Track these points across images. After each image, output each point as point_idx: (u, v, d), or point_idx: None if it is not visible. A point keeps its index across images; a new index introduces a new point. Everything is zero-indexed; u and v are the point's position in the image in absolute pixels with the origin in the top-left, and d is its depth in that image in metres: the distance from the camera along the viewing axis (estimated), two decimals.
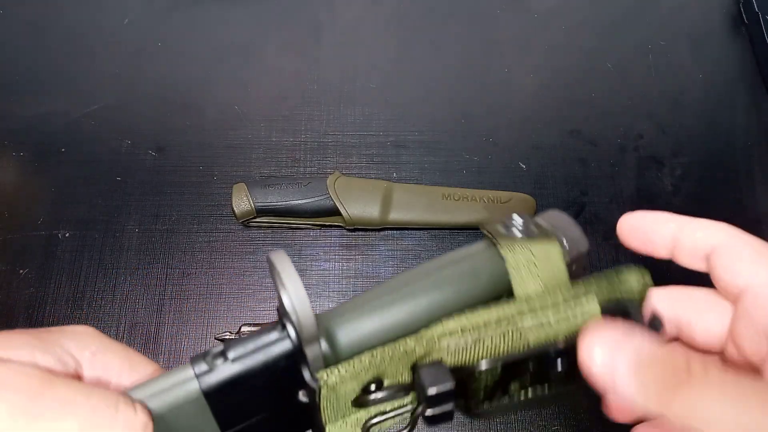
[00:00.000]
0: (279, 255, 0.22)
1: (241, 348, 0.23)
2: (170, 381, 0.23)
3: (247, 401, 0.24)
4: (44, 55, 0.61)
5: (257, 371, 0.23)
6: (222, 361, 0.23)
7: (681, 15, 0.65)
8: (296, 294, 0.21)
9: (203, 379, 0.23)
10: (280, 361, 0.23)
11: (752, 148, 0.58)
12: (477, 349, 0.24)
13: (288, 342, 0.23)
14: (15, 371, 0.21)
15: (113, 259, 0.52)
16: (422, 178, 0.56)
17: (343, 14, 0.64)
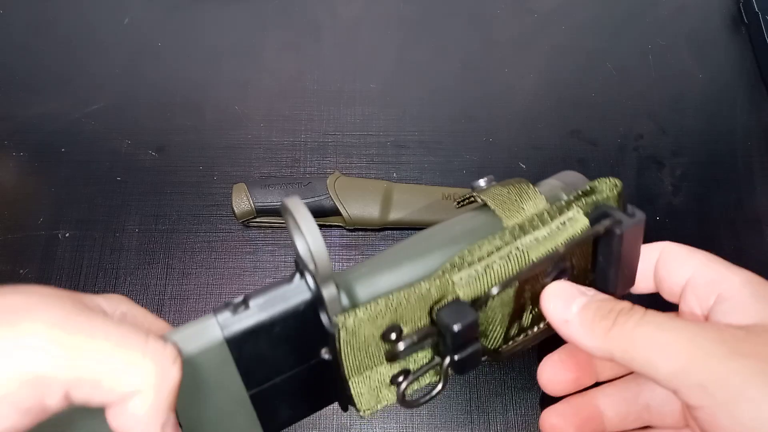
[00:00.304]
0: (294, 200, 0.22)
1: (262, 297, 0.23)
2: (194, 329, 0.23)
3: (271, 356, 0.24)
4: (44, 55, 0.61)
5: (278, 320, 0.23)
6: (244, 309, 0.23)
7: (681, 15, 0.65)
8: (311, 235, 0.22)
9: (226, 326, 0.23)
10: (300, 309, 0.23)
11: (752, 148, 0.58)
12: (488, 276, 0.25)
13: (306, 289, 0.23)
14: (53, 294, 0.22)
15: (113, 259, 0.52)
16: (422, 178, 0.56)
17: (343, 14, 0.64)
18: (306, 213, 0.22)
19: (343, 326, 0.23)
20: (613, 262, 0.26)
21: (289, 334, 0.24)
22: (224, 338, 0.23)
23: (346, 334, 0.23)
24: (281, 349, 0.24)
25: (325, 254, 0.22)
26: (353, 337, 0.24)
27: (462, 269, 0.24)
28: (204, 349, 0.23)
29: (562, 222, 0.25)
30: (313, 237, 0.22)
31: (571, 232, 0.25)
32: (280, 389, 0.25)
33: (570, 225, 0.25)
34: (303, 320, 0.23)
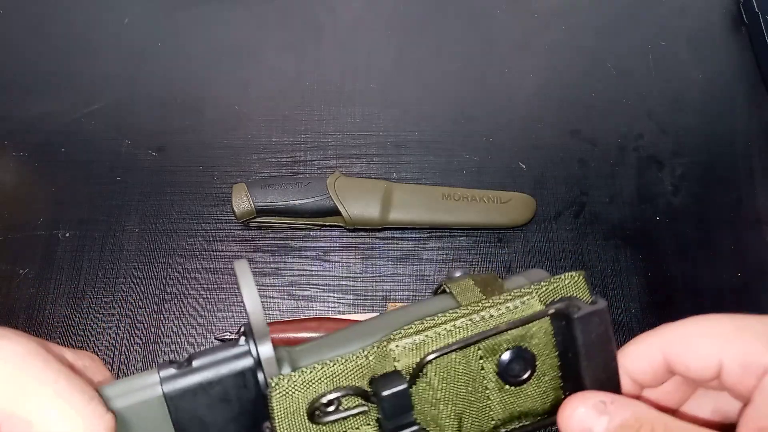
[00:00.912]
0: (240, 264, 0.23)
1: (206, 357, 0.24)
2: (135, 381, 0.23)
3: (211, 422, 0.24)
4: (44, 55, 0.61)
5: (220, 381, 0.23)
6: (186, 366, 0.23)
7: (681, 15, 0.65)
8: (248, 294, 0.22)
9: (166, 382, 0.23)
10: (241, 374, 0.23)
11: (752, 148, 0.58)
12: (426, 346, 0.24)
13: (248, 353, 0.24)
14: (20, 334, 0.22)
15: (113, 259, 0.52)
16: (422, 178, 0.56)
17: (343, 14, 0.64)
18: (246, 274, 0.23)
19: (276, 386, 0.23)
20: (579, 355, 0.24)
21: (230, 400, 0.24)
22: (163, 394, 0.23)
23: (280, 396, 0.23)
24: (222, 415, 0.24)
25: (260, 313, 0.22)
26: (287, 401, 0.23)
27: (401, 338, 0.24)
28: (141, 401, 0.23)
29: (515, 305, 0.25)
30: (251, 299, 0.22)
31: (522, 314, 0.25)
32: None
33: (523, 308, 0.25)
34: (245, 386, 0.23)
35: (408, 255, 0.53)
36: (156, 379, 0.23)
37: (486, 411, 0.25)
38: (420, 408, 0.25)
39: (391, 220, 0.52)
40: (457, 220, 0.53)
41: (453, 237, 0.54)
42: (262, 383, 0.23)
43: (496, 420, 0.26)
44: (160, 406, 0.23)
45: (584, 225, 0.54)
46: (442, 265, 0.53)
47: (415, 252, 0.53)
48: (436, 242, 0.54)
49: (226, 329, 0.50)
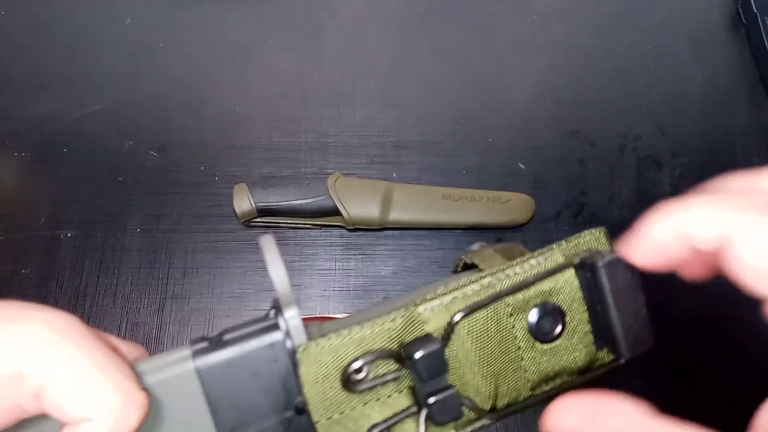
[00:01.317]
0: (266, 239, 0.23)
1: (237, 332, 0.24)
2: (167, 357, 0.23)
3: (244, 398, 0.24)
4: (45, 55, 0.61)
5: (251, 355, 0.23)
6: (218, 341, 0.23)
7: (681, 15, 0.65)
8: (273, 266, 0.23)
9: (198, 357, 0.23)
10: (273, 347, 0.23)
11: (752, 148, 0.58)
12: (454, 306, 0.24)
13: (278, 325, 0.24)
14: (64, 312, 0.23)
15: (115, 259, 0.53)
16: (422, 178, 0.56)
17: (343, 14, 0.64)
18: (273, 248, 0.23)
19: (305, 352, 0.23)
20: (607, 306, 0.24)
21: (261, 374, 0.23)
22: (195, 368, 0.23)
23: (308, 363, 0.23)
24: (254, 390, 0.24)
25: (286, 284, 0.23)
26: (315, 368, 0.23)
27: (430, 300, 0.24)
28: (173, 376, 0.23)
29: (539, 262, 0.25)
30: (277, 269, 0.23)
31: (545, 267, 0.25)
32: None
33: (546, 263, 0.25)
34: (275, 360, 0.23)
35: (408, 255, 0.53)
36: (188, 353, 0.23)
37: (521, 372, 0.25)
38: (455, 371, 0.24)
39: (391, 220, 0.52)
40: (457, 220, 0.53)
41: (453, 237, 0.54)
42: (291, 352, 0.23)
43: (531, 381, 0.25)
44: (192, 381, 0.23)
45: (583, 225, 0.55)
46: (442, 265, 0.53)
47: (415, 252, 0.54)
48: (436, 242, 0.54)
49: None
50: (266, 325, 0.24)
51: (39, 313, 0.22)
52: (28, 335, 0.21)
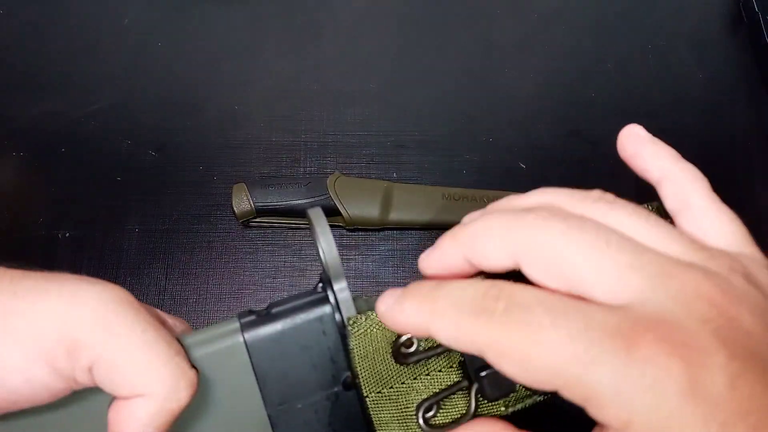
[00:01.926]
0: (314, 211, 0.24)
1: (285, 305, 0.24)
2: (217, 331, 0.23)
3: (292, 372, 0.23)
4: (44, 55, 0.61)
5: (299, 329, 0.23)
6: (266, 315, 0.23)
7: (681, 15, 0.65)
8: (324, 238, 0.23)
9: (247, 330, 0.23)
10: (321, 320, 0.23)
11: (752, 148, 0.58)
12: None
13: (326, 299, 0.23)
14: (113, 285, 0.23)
15: (113, 258, 0.52)
16: (422, 178, 0.56)
17: (343, 14, 0.64)
18: (322, 220, 0.23)
19: (355, 325, 0.23)
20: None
21: (310, 348, 0.23)
22: (244, 341, 0.23)
23: (359, 335, 0.23)
24: (302, 364, 0.23)
25: (335, 257, 0.23)
26: (366, 340, 0.23)
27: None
28: (222, 349, 0.23)
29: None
30: (327, 241, 0.23)
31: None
32: (302, 418, 0.24)
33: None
34: (324, 333, 0.23)
35: (408, 255, 0.53)
36: (236, 326, 0.23)
37: None
38: None
39: (391, 220, 0.52)
40: (457, 220, 0.52)
41: None
42: (340, 325, 0.23)
43: None
44: (241, 354, 0.23)
45: None
46: None
47: (415, 252, 0.53)
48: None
49: None
50: (315, 298, 0.24)
51: (94, 287, 0.22)
52: (84, 308, 0.21)
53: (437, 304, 0.21)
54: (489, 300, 0.20)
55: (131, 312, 0.22)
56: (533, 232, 0.21)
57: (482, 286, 0.21)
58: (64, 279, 0.23)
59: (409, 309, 0.22)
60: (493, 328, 0.19)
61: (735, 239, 0.24)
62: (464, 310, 0.20)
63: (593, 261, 0.20)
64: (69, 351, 0.21)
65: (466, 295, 0.21)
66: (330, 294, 0.23)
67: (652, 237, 0.21)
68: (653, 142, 0.26)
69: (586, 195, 0.23)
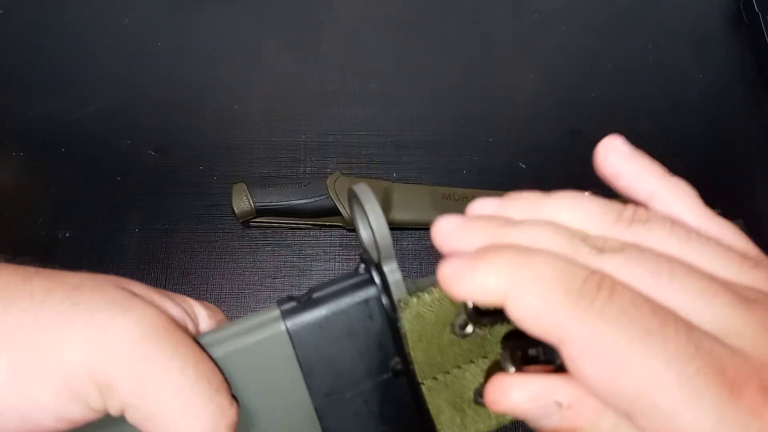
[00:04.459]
0: (361, 187, 0.21)
1: (326, 289, 0.22)
2: (256, 319, 0.22)
3: (338, 360, 0.22)
4: (44, 55, 0.61)
5: (343, 314, 0.22)
6: (307, 301, 0.22)
7: (681, 15, 0.65)
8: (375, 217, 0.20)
9: (288, 318, 0.22)
10: (366, 303, 0.22)
11: (752, 148, 0.58)
12: None
13: (370, 279, 0.22)
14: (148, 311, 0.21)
15: (113, 259, 0.52)
16: (422, 178, 0.56)
17: (343, 14, 0.64)
18: (372, 198, 0.21)
19: (406, 307, 0.21)
20: None
21: (356, 333, 0.22)
22: (286, 329, 0.21)
23: (410, 317, 0.21)
24: (348, 351, 0.22)
25: (386, 234, 0.20)
26: (419, 323, 0.21)
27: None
28: (264, 338, 0.22)
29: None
30: (377, 218, 0.20)
31: None
32: (350, 408, 0.23)
33: None
34: (370, 317, 0.22)
35: (408, 255, 0.53)
36: (277, 314, 0.22)
37: None
38: None
39: (391, 220, 0.52)
40: None
41: None
42: (389, 308, 0.22)
43: None
44: (283, 343, 0.22)
45: None
46: None
47: (415, 252, 0.53)
48: None
49: None
50: (359, 280, 0.22)
51: (126, 318, 0.20)
52: (116, 347, 0.20)
53: (524, 272, 0.17)
54: (591, 285, 0.17)
55: (169, 346, 0.20)
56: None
57: (583, 269, 0.17)
58: (93, 303, 0.21)
59: (486, 272, 0.18)
60: (591, 317, 0.16)
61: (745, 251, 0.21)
62: (560, 287, 0.17)
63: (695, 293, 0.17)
64: (101, 390, 0.20)
65: (564, 272, 0.17)
66: (375, 275, 0.22)
67: (705, 259, 0.19)
68: (635, 157, 0.23)
69: (620, 215, 0.20)
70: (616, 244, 0.19)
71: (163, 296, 0.23)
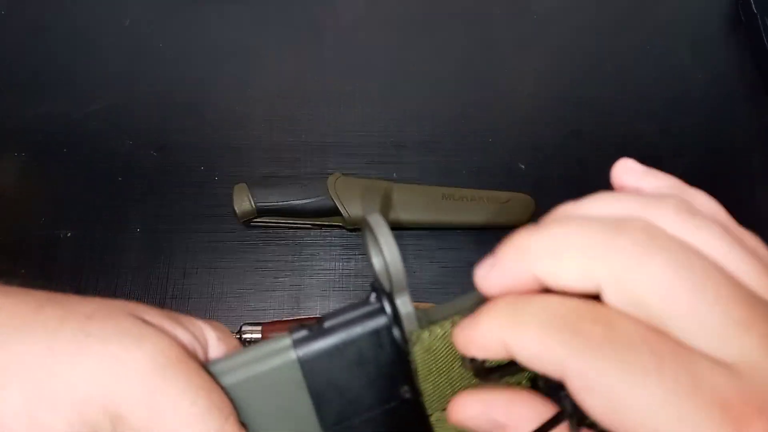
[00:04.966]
0: (375, 217, 0.21)
1: (337, 318, 0.23)
2: (269, 348, 0.22)
3: (347, 387, 0.23)
4: (45, 55, 0.61)
5: (354, 343, 0.22)
6: (318, 329, 0.22)
7: (681, 15, 0.65)
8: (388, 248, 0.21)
9: (299, 346, 0.22)
10: (377, 333, 0.22)
11: (752, 148, 0.58)
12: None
13: (381, 309, 0.22)
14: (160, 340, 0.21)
15: (114, 259, 0.52)
16: (422, 178, 0.56)
17: (343, 14, 0.64)
18: (385, 228, 0.21)
19: (418, 340, 0.21)
20: None
21: (366, 363, 0.22)
22: (297, 358, 0.22)
23: (422, 351, 0.21)
24: (358, 380, 0.22)
25: (400, 266, 0.21)
26: (430, 357, 0.22)
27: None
28: (275, 367, 0.22)
29: None
30: (390, 250, 0.21)
31: None
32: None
33: None
34: (380, 347, 0.22)
35: (408, 255, 0.53)
36: (288, 342, 0.22)
37: None
38: None
39: (391, 220, 0.52)
40: (457, 220, 0.53)
41: (453, 237, 0.54)
42: (400, 340, 0.22)
43: None
44: (294, 371, 0.22)
45: None
46: (443, 265, 0.53)
47: (415, 252, 0.53)
48: (436, 242, 0.54)
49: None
50: (370, 309, 0.23)
51: (140, 348, 0.21)
52: (129, 379, 0.20)
53: (521, 318, 0.18)
54: (585, 322, 0.17)
55: (182, 377, 0.21)
56: (628, 263, 0.17)
57: (577, 303, 0.18)
58: (105, 333, 0.21)
59: (486, 325, 0.19)
60: (588, 355, 0.17)
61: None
62: (554, 327, 0.17)
63: (701, 311, 0.17)
64: (112, 421, 0.20)
65: (557, 311, 0.18)
66: (387, 305, 0.22)
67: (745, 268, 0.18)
68: (651, 174, 0.23)
69: (664, 202, 0.20)
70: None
71: (173, 322, 0.23)
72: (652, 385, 0.16)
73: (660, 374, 0.16)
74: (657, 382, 0.16)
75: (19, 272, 0.52)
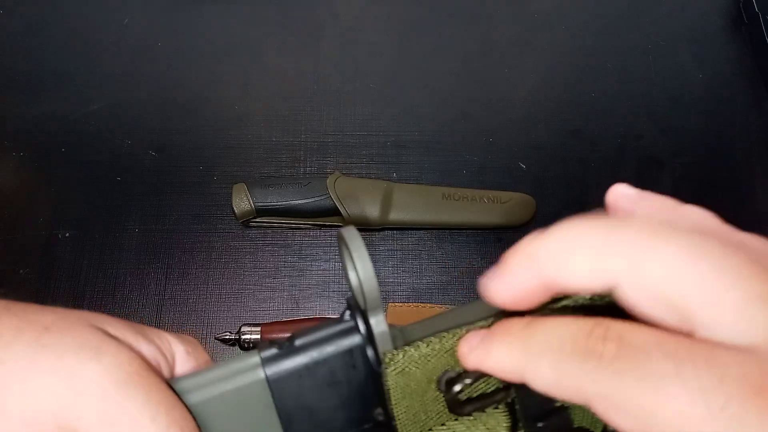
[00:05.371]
0: (349, 230, 0.21)
1: (309, 336, 0.22)
2: (236, 366, 0.21)
3: (317, 409, 0.22)
4: (44, 55, 0.61)
5: (325, 362, 0.21)
6: (288, 347, 0.21)
7: (681, 15, 0.65)
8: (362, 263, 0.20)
9: (268, 365, 0.21)
10: (349, 353, 0.21)
11: (752, 148, 0.58)
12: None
13: (355, 328, 0.21)
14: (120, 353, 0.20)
15: (113, 259, 0.52)
16: (422, 178, 0.56)
17: (343, 14, 0.64)
18: (360, 242, 0.20)
19: (391, 362, 0.20)
20: None
21: (338, 383, 0.21)
22: (266, 377, 0.21)
23: (395, 373, 0.20)
24: (329, 400, 0.21)
25: (373, 284, 0.20)
26: (404, 379, 0.21)
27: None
28: (242, 386, 0.21)
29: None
30: (364, 266, 0.20)
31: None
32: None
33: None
34: (353, 367, 0.21)
35: (408, 255, 0.53)
36: (257, 360, 0.21)
37: None
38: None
39: (391, 220, 0.52)
40: (457, 220, 0.53)
41: (453, 237, 0.54)
42: (373, 361, 0.21)
43: None
44: (262, 391, 0.21)
45: None
46: (442, 265, 0.53)
47: (415, 252, 0.53)
48: (436, 242, 0.54)
49: (227, 329, 0.50)
50: (343, 328, 0.22)
51: (97, 363, 0.20)
52: (84, 395, 0.19)
53: (532, 345, 0.18)
54: (595, 341, 0.17)
55: (141, 393, 0.20)
56: (643, 251, 0.17)
57: (585, 323, 0.17)
58: (63, 346, 0.20)
59: (499, 351, 0.19)
60: (604, 375, 0.16)
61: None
62: (565, 352, 0.17)
63: (719, 290, 0.16)
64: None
65: (566, 334, 0.17)
66: (361, 324, 0.21)
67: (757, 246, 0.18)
68: (644, 198, 0.23)
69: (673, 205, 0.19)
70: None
71: (137, 335, 0.22)
72: (676, 391, 0.15)
73: (681, 378, 0.15)
74: (680, 386, 0.15)
75: (18, 272, 0.51)
